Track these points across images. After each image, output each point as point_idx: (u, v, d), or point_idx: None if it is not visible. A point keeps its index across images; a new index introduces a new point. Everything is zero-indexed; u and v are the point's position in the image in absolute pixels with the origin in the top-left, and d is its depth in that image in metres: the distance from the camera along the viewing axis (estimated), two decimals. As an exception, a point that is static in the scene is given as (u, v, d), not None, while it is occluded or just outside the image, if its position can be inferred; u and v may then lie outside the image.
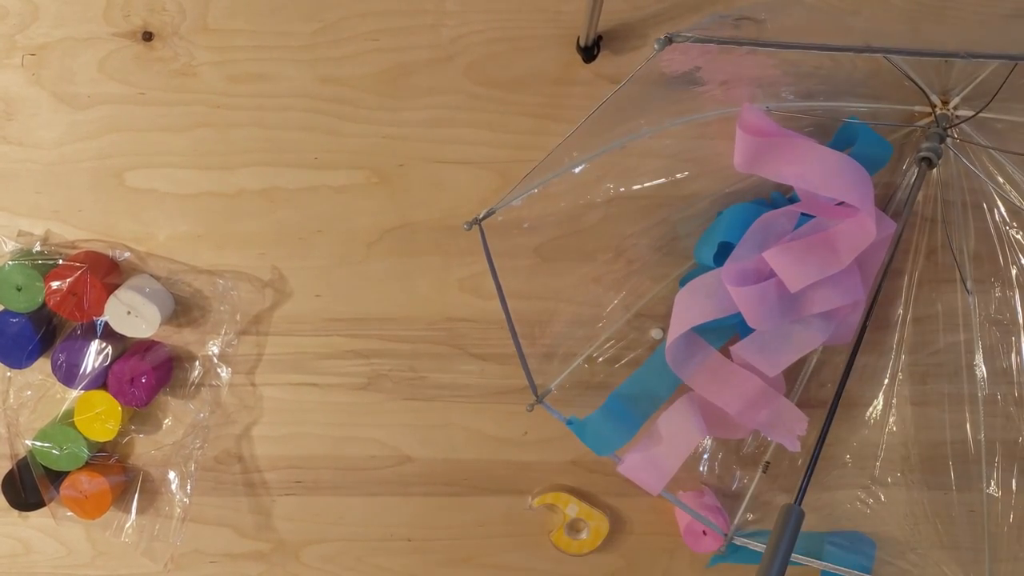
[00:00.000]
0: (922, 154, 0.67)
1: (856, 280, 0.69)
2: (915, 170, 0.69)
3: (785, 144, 0.64)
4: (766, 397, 0.72)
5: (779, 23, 0.63)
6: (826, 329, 0.71)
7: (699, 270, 0.72)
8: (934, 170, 0.70)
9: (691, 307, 0.70)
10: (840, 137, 0.71)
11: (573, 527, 0.84)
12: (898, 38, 0.72)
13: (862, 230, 0.65)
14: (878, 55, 0.69)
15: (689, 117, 0.72)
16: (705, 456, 0.82)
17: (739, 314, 0.68)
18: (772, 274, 0.68)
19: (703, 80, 0.68)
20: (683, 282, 0.73)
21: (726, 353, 0.73)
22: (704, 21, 0.67)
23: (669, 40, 0.52)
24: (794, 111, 0.71)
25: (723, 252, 0.70)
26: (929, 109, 0.70)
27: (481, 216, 0.69)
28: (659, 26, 0.72)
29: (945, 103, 0.70)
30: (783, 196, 0.73)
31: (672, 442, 0.75)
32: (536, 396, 0.77)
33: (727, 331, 0.74)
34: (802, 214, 0.69)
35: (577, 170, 0.71)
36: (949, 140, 0.69)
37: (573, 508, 0.82)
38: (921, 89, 0.70)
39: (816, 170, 0.63)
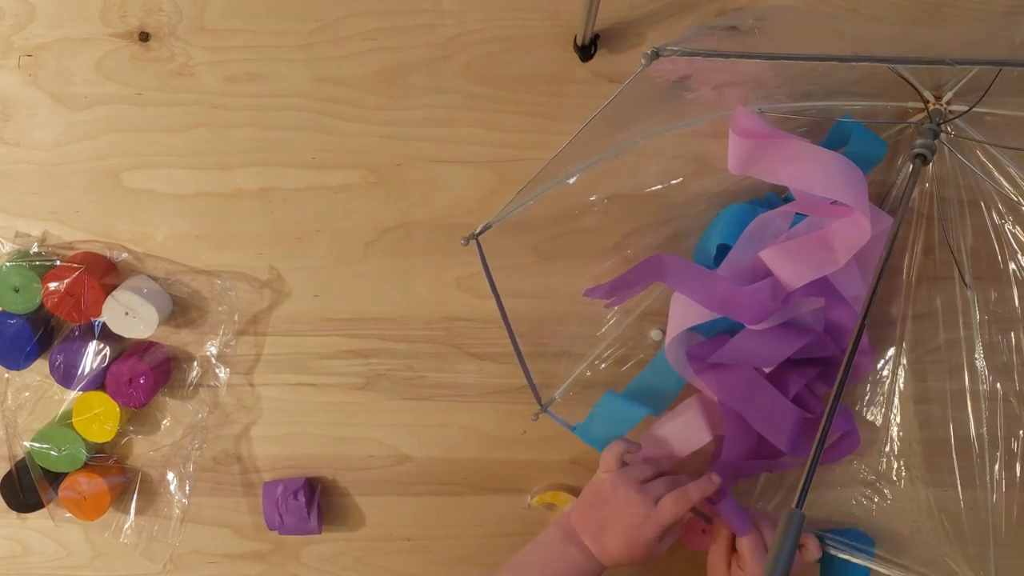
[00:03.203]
0: (916, 150, 0.67)
1: (855, 276, 0.69)
2: (910, 167, 0.69)
3: (778, 145, 0.64)
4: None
5: (768, 31, 0.63)
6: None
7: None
8: (929, 166, 0.70)
9: (688, 308, 0.70)
10: (833, 136, 0.71)
11: (572, 526, 0.84)
12: (889, 42, 0.72)
13: (857, 228, 0.65)
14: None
15: (682, 123, 0.72)
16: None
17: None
18: (769, 273, 0.69)
19: (694, 87, 0.68)
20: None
21: None
22: (691, 32, 0.67)
23: (656, 54, 0.52)
24: (787, 112, 0.71)
25: (723, 253, 0.71)
26: (922, 105, 0.70)
27: (478, 231, 0.68)
28: (656, 25, 0.72)
29: (938, 99, 0.70)
30: (778, 196, 0.73)
31: (675, 443, 0.75)
32: (540, 405, 0.77)
33: (728, 330, 0.74)
34: (797, 213, 0.69)
35: (571, 180, 0.71)
36: (943, 136, 0.69)
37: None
38: (913, 86, 0.70)
39: (810, 170, 0.63)
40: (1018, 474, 0.82)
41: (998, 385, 0.79)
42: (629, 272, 0.71)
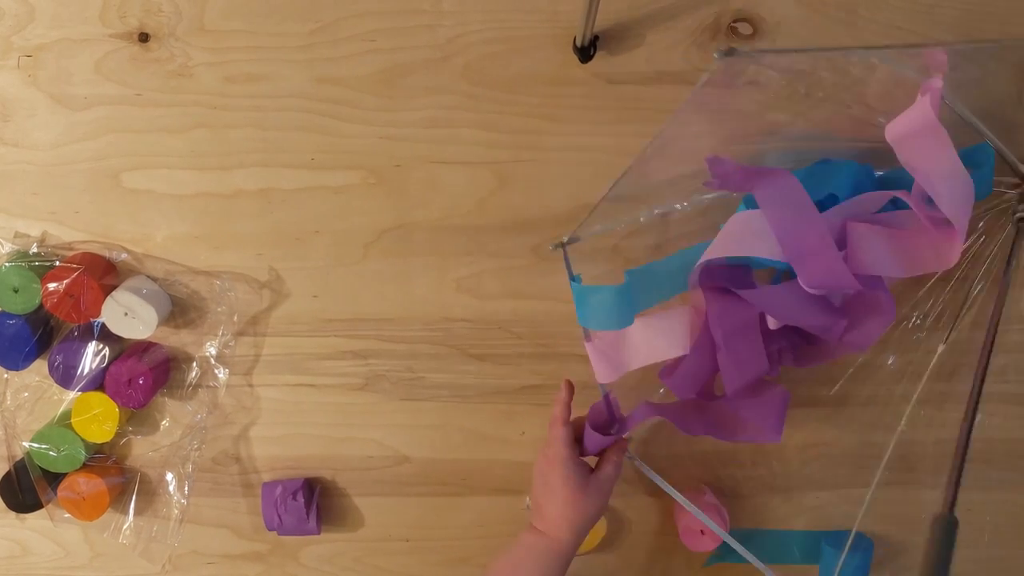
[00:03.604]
0: (1020, 215, 0.69)
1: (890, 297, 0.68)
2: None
3: (933, 137, 0.62)
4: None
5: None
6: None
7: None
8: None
9: (744, 234, 0.66)
10: (971, 154, 0.70)
11: (571, 527, 0.84)
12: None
13: (940, 254, 0.64)
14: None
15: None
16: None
17: (782, 264, 0.66)
18: (843, 244, 0.66)
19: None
20: (747, 201, 0.69)
21: None
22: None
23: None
24: (961, 114, 0.70)
25: (823, 204, 0.68)
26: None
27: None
28: (656, 26, 0.72)
29: None
30: (872, 171, 0.71)
31: (651, 342, 0.72)
32: (567, 238, 0.74)
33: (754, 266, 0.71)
34: (891, 201, 0.68)
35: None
36: None
37: (570, 508, 0.82)
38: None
39: (943, 177, 0.62)
40: (1017, 476, 0.82)
41: (1000, 388, 0.80)
42: (754, 168, 0.67)
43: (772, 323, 0.69)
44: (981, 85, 0.72)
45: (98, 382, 0.77)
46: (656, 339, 0.72)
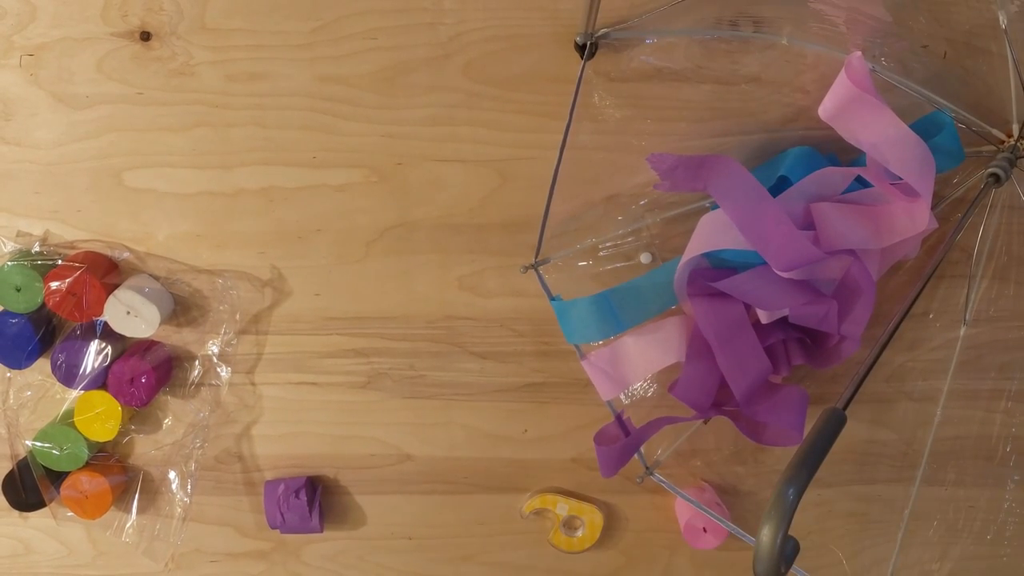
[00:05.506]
0: (992, 169, 0.66)
1: (874, 264, 0.68)
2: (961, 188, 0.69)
3: (873, 109, 0.62)
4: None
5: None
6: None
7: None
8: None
9: (719, 231, 0.67)
10: (924, 124, 0.69)
11: (569, 525, 0.84)
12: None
13: (912, 218, 0.64)
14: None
15: (798, 41, 0.70)
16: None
17: (761, 260, 0.67)
18: (811, 227, 0.67)
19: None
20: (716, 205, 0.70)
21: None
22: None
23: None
24: (895, 82, 0.69)
25: (776, 189, 0.69)
26: (1004, 137, 0.70)
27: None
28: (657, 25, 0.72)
29: (1022, 138, 0.69)
30: (838, 160, 0.72)
31: (645, 353, 0.72)
32: (535, 261, 0.75)
33: (741, 267, 0.71)
34: (855, 180, 0.68)
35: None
36: (1014, 171, 0.68)
37: (563, 507, 0.82)
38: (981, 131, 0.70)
39: (892, 144, 0.62)
40: (1015, 475, 0.82)
41: (1004, 385, 0.80)
42: (696, 157, 0.67)
43: (764, 317, 0.69)
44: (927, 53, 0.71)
45: (100, 381, 0.77)
46: (650, 349, 0.72)
